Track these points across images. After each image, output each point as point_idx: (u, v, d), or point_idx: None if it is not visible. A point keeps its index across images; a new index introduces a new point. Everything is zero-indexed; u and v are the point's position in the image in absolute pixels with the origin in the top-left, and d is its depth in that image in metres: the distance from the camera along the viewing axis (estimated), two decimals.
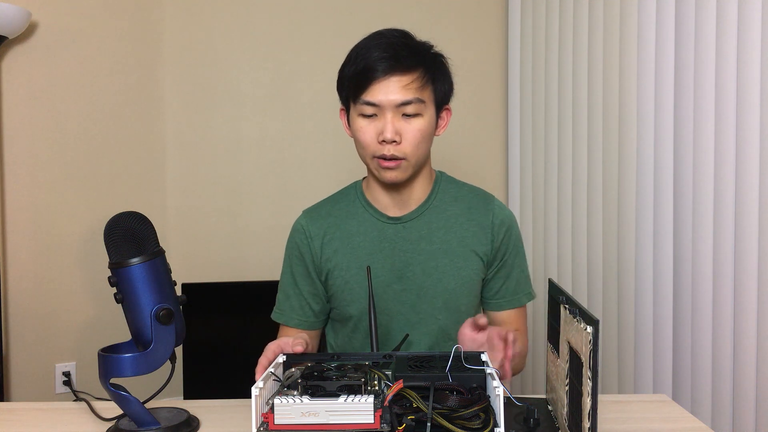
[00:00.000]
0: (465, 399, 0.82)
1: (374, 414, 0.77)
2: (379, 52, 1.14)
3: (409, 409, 0.81)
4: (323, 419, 0.77)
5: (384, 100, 1.14)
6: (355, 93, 1.17)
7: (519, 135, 2.55)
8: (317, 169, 2.58)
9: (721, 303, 1.59)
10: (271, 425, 0.78)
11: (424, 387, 0.83)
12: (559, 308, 0.92)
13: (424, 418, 0.78)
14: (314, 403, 0.78)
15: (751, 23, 1.49)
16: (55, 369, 2.34)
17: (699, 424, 0.97)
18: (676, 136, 1.74)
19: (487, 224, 1.28)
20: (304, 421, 0.78)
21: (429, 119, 1.19)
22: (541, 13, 2.37)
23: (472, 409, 0.80)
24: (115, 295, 0.94)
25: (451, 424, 0.78)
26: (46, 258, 2.31)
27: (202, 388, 2.19)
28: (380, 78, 1.14)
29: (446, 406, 0.81)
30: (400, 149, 1.16)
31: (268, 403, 0.83)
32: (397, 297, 1.26)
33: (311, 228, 1.30)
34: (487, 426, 0.78)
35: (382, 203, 1.28)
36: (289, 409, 0.78)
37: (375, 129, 1.16)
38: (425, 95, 1.17)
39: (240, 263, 2.55)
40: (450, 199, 1.30)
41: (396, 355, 0.95)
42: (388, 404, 0.79)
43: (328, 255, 1.28)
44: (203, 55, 2.52)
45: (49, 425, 1.02)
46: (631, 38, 1.88)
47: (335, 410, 0.77)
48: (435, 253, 1.25)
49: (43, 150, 2.29)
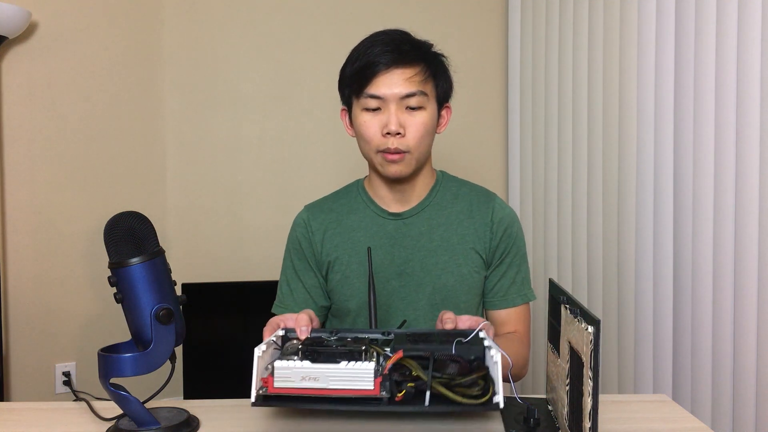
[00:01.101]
0: (464, 367, 0.82)
1: (374, 380, 0.76)
2: (382, 47, 1.16)
3: (408, 377, 0.80)
4: (323, 383, 0.77)
5: (388, 93, 1.15)
6: (359, 87, 1.17)
7: (519, 135, 2.55)
8: (317, 169, 2.58)
9: (721, 303, 1.59)
10: (271, 389, 0.77)
11: (423, 357, 0.83)
12: (559, 308, 0.92)
13: (424, 387, 0.78)
14: (314, 368, 0.77)
15: (751, 23, 1.49)
16: (55, 369, 2.34)
17: (699, 424, 0.97)
18: (676, 136, 1.74)
19: (487, 222, 1.27)
20: (304, 385, 0.77)
21: (431, 114, 1.20)
22: (541, 13, 2.37)
23: (471, 377, 0.79)
24: (115, 295, 0.94)
25: (451, 391, 0.78)
26: (46, 258, 2.31)
27: (202, 388, 2.20)
28: (383, 71, 1.15)
29: (446, 374, 0.80)
30: (403, 142, 1.17)
31: (267, 368, 0.82)
32: (396, 293, 1.26)
33: (312, 222, 1.31)
34: (486, 393, 0.78)
35: (383, 199, 1.28)
36: (289, 372, 0.77)
37: (379, 122, 1.17)
38: (428, 89, 1.18)
39: (240, 263, 2.55)
40: (451, 196, 1.30)
41: (395, 332, 0.94)
42: (387, 372, 0.79)
43: (328, 249, 1.28)
44: (203, 55, 2.52)
45: (49, 425, 1.02)
46: (631, 38, 1.88)
47: (335, 375, 0.77)
48: (435, 249, 1.25)
49: (43, 150, 2.29)
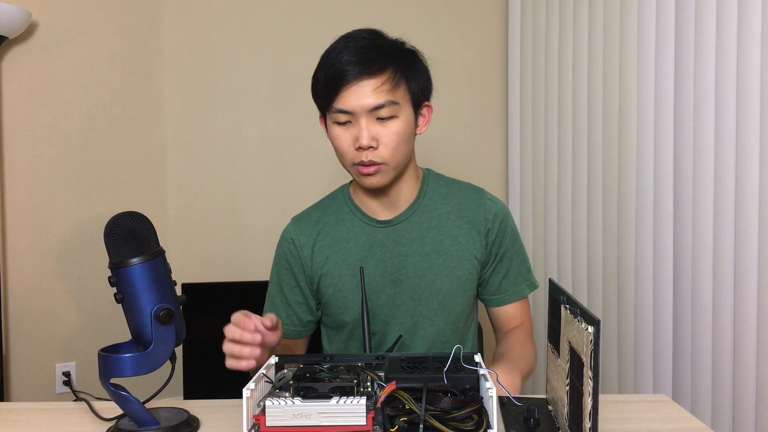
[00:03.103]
0: (458, 400, 0.82)
1: (366, 416, 0.76)
2: (348, 55, 1.12)
3: (401, 411, 0.80)
4: (315, 421, 0.77)
5: (356, 106, 1.11)
6: (328, 101, 1.14)
7: (519, 135, 2.55)
8: (317, 169, 2.58)
9: (721, 303, 1.59)
10: (263, 427, 0.78)
11: (416, 388, 0.83)
12: (559, 308, 0.92)
13: (417, 420, 0.78)
14: (306, 405, 0.77)
15: (751, 23, 1.49)
16: (55, 369, 2.34)
17: (699, 424, 0.97)
18: (676, 136, 1.74)
19: (480, 220, 1.25)
20: (296, 423, 0.77)
21: (406, 120, 1.15)
22: (541, 13, 2.37)
23: (464, 411, 0.79)
24: (115, 295, 0.94)
25: (444, 425, 0.77)
26: (46, 258, 2.31)
27: (202, 388, 2.19)
28: (350, 83, 1.11)
29: (439, 407, 0.80)
30: (377, 154, 1.13)
31: (259, 404, 0.82)
32: (392, 301, 1.23)
33: (300, 237, 1.28)
34: (480, 427, 0.78)
35: (370, 207, 1.26)
36: (280, 411, 0.77)
37: (351, 136, 1.14)
38: (398, 96, 1.13)
39: (240, 263, 2.55)
40: (439, 197, 1.27)
41: (389, 356, 0.95)
42: (380, 406, 0.79)
43: (318, 263, 1.26)
44: (203, 55, 2.52)
45: (49, 425, 1.02)
46: (631, 38, 1.88)
47: (327, 412, 0.77)
48: (428, 254, 1.23)
49: (43, 150, 2.29)
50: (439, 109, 1.37)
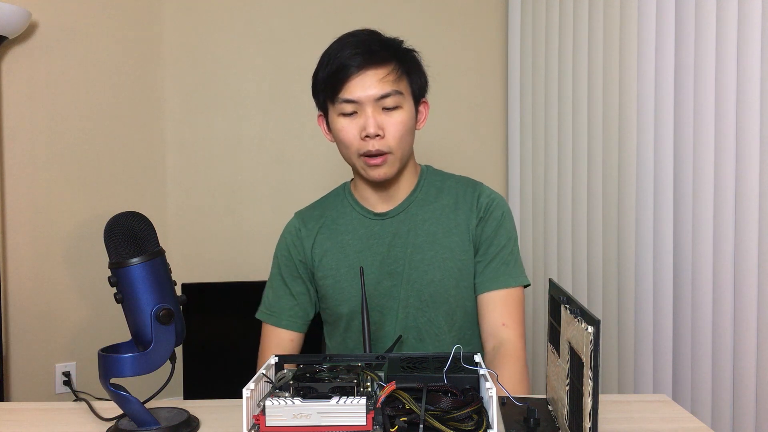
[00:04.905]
0: (458, 401, 0.82)
1: (366, 416, 0.76)
2: (351, 49, 1.14)
3: (401, 411, 0.80)
4: (315, 421, 0.77)
5: (362, 96, 1.14)
6: (333, 93, 1.16)
7: (519, 135, 2.55)
8: (317, 169, 2.58)
9: (721, 303, 1.59)
10: (263, 427, 0.78)
11: (416, 388, 0.83)
12: (559, 308, 0.92)
13: (417, 420, 0.78)
14: (306, 405, 0.77)
15: (751, 23, 1.49)
16: (55, 369, 2.34)
17: (699, 424, 0.97)
18: (676, 136, 1.74)
19: (473, 208, 1.25)
20: (296, 423, 0.77)
21: (409, 112, 1.18)
22: (541, 13, 2.37)
23: (464, 411, 0.79)
24: (115, 295, 0.94)
25: (444, 425, 0.77)
26: (46, 258, 2.31)
27: (202, 388, 2.19)
28: (356, 74, 1.13)
29: (439, 407, 0.80)
30: (384, 143, 1.15)
31: (259, 404, 0.82)
32: (388, 293, 1.24)
33: (303, 229, 1.30)
34: (480, 427, 0.78)
35: (369, 200, 1.27)
36: (280, 411, 0.77)
37: (357, 126, 1.15)
38: (402, 87, 1.17)
39: (240, 263, 2.55)
40: (435, 191, 1.28)
41: (389, 356, 0.95)
42: (380, 406, 0.79)
43: (318, 256, 1.28)
44: (203, 55, 2.52)
45: (49, 425, 1.02)
46: (631, 38, 1.88)
47: (327, 412, 0.76)
48: (420, 245, 1.24)
49: (43, 150, 2.29)
50: (439, 109, 1.37)
